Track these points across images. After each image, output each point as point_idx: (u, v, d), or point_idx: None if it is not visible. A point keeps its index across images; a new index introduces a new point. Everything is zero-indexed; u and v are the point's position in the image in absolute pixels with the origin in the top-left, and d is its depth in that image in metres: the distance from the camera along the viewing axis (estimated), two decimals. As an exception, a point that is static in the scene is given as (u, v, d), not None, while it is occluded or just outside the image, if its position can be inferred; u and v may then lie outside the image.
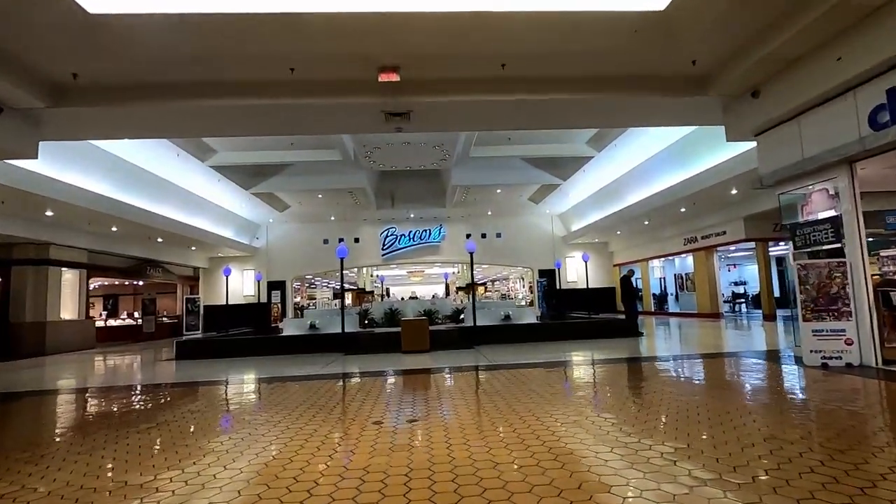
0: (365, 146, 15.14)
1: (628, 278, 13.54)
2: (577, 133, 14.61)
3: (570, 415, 4.49)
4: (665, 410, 4.54)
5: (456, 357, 9.48)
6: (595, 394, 5.62)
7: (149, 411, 5.68)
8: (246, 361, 10.22)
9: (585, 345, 10.58)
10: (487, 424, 4.27)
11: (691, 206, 16.05)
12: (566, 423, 4.18)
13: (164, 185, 15.88)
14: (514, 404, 5.00)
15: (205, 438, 4.26)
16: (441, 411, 4.88)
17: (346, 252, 11.65)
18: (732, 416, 4.24)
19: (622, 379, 6.68)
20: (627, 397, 5.34)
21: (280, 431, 4.31)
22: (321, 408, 5.24)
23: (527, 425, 4.16)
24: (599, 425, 4.09)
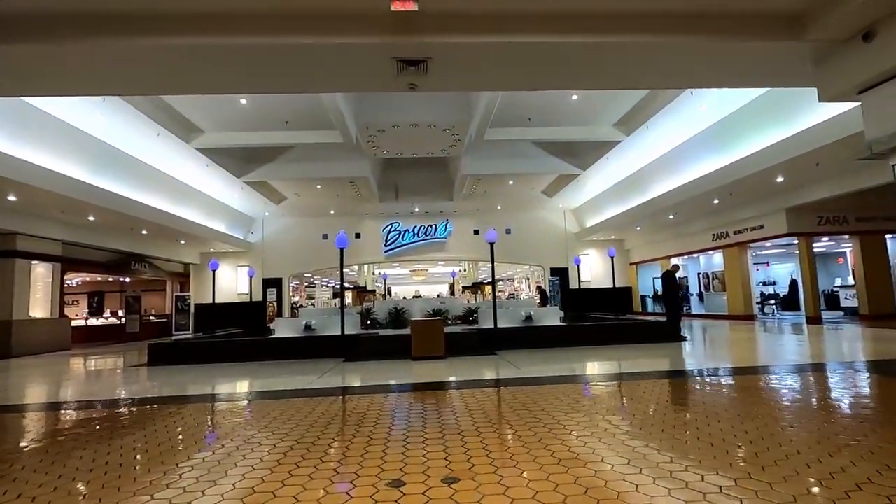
0: (368, 128, 13.44)
1: (672, 274, 11.80)
2: (606, 113, 12.93)
3: (680, 473, 2.78)
4: (835, 462, 2.84)
5: (477, 366, 7.77)
6: (696, 429, 3.91)
7: (49, 448, 3.97)
8: (226, 369, 8.51)
9: (624, 351, 8.87)
10: (567, 485, 2.57)
11: (727, 197, 14.37)
12: (676, 487, 2.47)
13: (146, 169, 14.17)
14: (586, 449, 3.29)
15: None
16: (489, 458, 3.17)
17: (346, 242, 9.95)
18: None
19: (716, 406, 4.91)
20: (755, 441, 3.63)
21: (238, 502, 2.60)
22: (309, 448, 3.53)
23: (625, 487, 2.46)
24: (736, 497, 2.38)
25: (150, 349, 9.71)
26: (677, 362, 7.73)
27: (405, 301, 14.46)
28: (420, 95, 13.00)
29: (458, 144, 14.83)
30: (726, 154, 12.74)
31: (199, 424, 4.59)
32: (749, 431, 3.62)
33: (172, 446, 3.79)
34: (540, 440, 3.54)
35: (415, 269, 31.03)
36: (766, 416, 4.05)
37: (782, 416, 4.09)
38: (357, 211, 21.55)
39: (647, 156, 15.36)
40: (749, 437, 3.49)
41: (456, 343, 9.15)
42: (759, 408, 4.39)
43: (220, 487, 2.83)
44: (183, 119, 12.25)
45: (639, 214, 17.41)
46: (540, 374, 6.68)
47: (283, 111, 12.42)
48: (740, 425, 3.78)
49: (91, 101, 10.40)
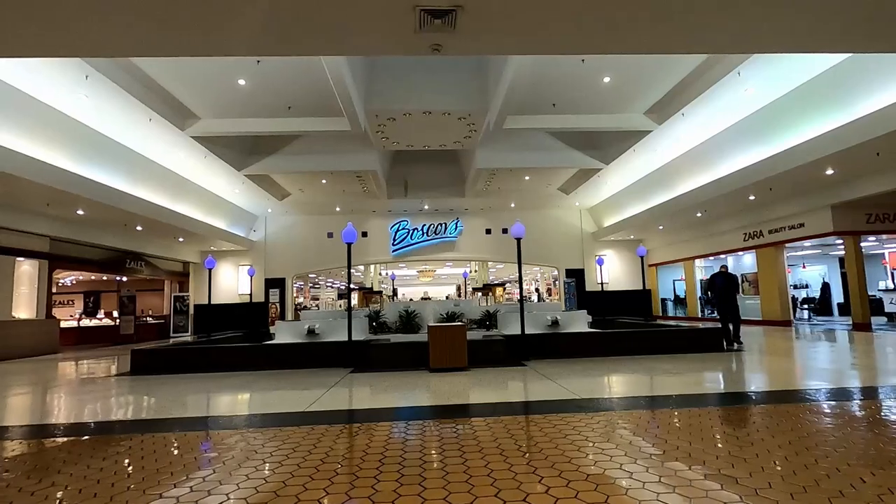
0: (378, 116, 12.26)
1: (726, 275, 10.48)
2: (637, 100, 11.67)
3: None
4: None
5: (509, 382, 6.53)
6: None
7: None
8: (215, 381, 7.29)
9: (679, 363, 7.60)
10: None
11: (765, 193, 13.08)
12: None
13: (139, 160, 13.03)
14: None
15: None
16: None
17: (354, 236, 8.74)
18: None
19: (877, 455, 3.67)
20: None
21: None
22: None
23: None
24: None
25: (132, 356, 8.51)
26: (760, 380, 6.46)
27: (416, 303, 13.23)
28: (434, 80, 11.82)
29: (473, 135, 13.64)
30: (769, 144, 11.49)
31: (175, 453, 3.37)
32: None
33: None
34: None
35: (422, 269, 29.82)
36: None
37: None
38: (364, 208, 20.36)
39: (675, 149, 14.10)
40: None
41: (478, 351, 7.90)
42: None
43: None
44: (176, 103, 11.08)
45: (663, 213, 16.15)
46: (592, 393, 5.43)
47: (285, 96, 11.23)
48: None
49: (74, 80, 9.24)
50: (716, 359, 8.06)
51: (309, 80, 10.54)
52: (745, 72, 9.69)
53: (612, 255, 21.17)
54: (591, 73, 10.32)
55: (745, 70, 9.63)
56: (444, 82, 11.86)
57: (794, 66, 9.68)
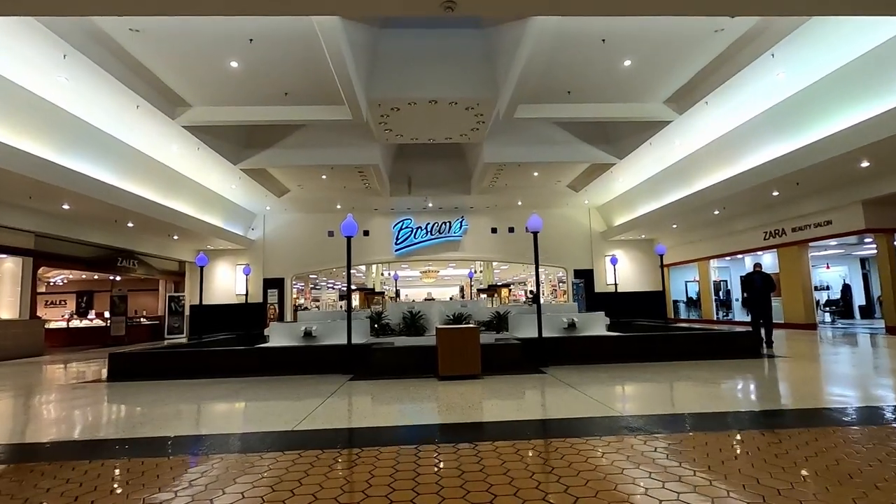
0: (380, 106, 11.45)
1: (764, 275, 9.67)
2: (658, 87, 10.81)
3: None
4: None
5: (531, 392, 5.67)
6: None
7: None
8: (198, 388, 6.45)
9: (714, 370, 6.74)
10: None
11: (791, 188, 12.23)
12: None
13: (128, 152, 12.22)
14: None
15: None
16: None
17: (354, 228, 7.90)
18: None
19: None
20: None
21: None
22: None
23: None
24: None
25: (110, 361, 7.67)
26: (830, 392, 5.60)
27: (421, 304, 12.40)
28: (441, 67, 11.01)
29: (480, 127, 12.83)
30: (799, 135, 10.65)
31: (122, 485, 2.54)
32: None
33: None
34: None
35: (425, 270, 28.97)
36: None
37: None
38: (366, 206, 19.53)
39: (694, 142, 13.26)
40: None
41: (491, 356, 7.05)
42: None
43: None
44: (165, 89, 10.25)
45: (678, 210, 15.30)
46: (633, 408, 4.58)
47: (281, 82, 10.40)
48: None
49: (51, 59, 8.43)
50: (757, 366, 7.20)
51: (307, 64, 9.72)
52: (780, 53, 8.85)
53: (622, 256, 20.29)
54: (611, 55, 9.48)
55: (779, 51, 8.78)
56: (451, 70, 11.06)
57: (831, 48, 8.84)
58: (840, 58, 9.10)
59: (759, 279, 10.48)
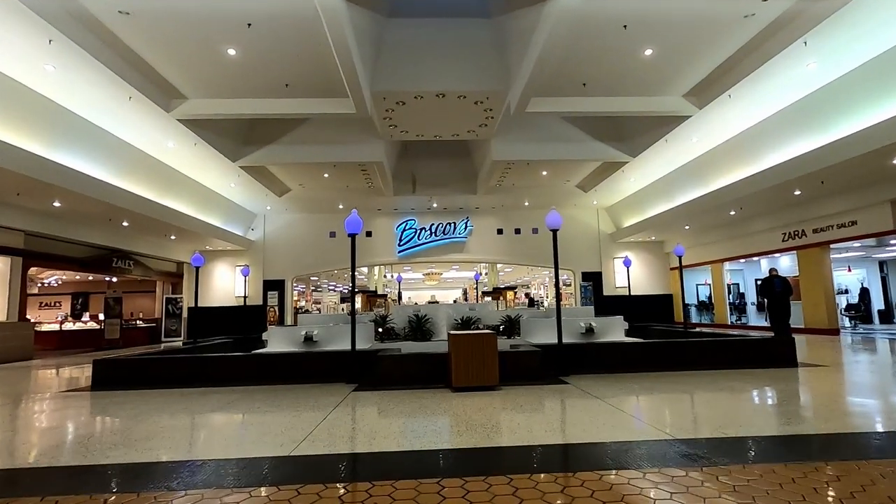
0: (385, 99, 10.86)
1: (783, 279, 9.13)
2: (678, 79, 10.20)
3: None
4: None
5: (559, 408, 5.03)
6: None
7: None
8: (182, 400, 5.81)
9: (756, 380, 6.11)
10: None
11: (815, 187, 11.61)
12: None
13: (121, 147, 11.63)
14: None
15: None
16: None
17: (359, 225, 7.28)
18: None
19: None
20: None
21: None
22: None
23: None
24: None
25: (94, 368, 7.04)
26: (885, 409, 4.96)
27: (427, 307, 11.76)
28: (449, 59, 10.42)
29: (489, 123, 12.24)
30: (827, 130, 10.05)
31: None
32: None
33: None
34: None
35: (429, 272, 28.35)
36: None
37: None
38: (369, 206, 18.92)
39: (711, 139, 12.64)
40: None
41: (508, 365, 6.40)
42: None
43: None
44: (159, 79, 9.64)
45: (692, 211, 14.68)
46: (684, 429, 3.94)
47: (282, 73, 9.79)
48: None
49: (35, 45, 7.84)
50: (799, 377, 6.55)
51: (309, 53, 9.12)
52: (813, 41, 8.24)
53: (631, 258, 19.63)
54: (632, 43, 8.86)
55: (812, 38, 8.18)
56: (460, 61, 10.47)
57: (867, 35, 8.22)
58: (875, 47, 8.50)
59: (778, 283, 10.57)
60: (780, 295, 10.70)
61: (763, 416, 4.34)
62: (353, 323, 6.98)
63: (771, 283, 10.96)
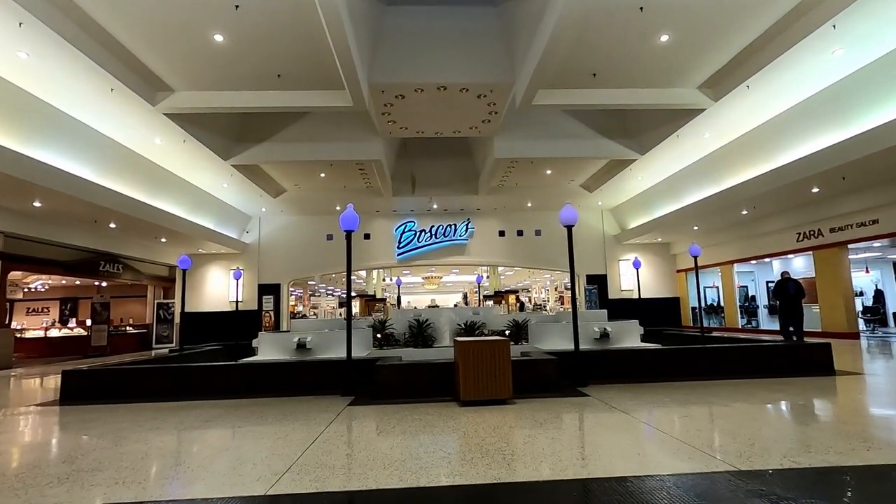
0: (384, 93, 10.24)
1: (796, 282, 8.55)
2: (693, 70, 9.58)
3: None
4: None
5: (586, 427, 4.36)
6: None
7: None
8: (155, 417, 5.11)
9: (800, 390, 5.46)
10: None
11: (835, 184, 10.98)
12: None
13: (105, 143, 10.95)
14: None
15: None
16: None
17: (356, 222, 6.62)
18: None
19: None
20: None
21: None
22: None
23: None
24: None
25: (63, 379, 6.34)
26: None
27: (428, 311, 11.08)
28: (452, 49, 9.81)
29: (493, 119, 11.63)
30: (852, 122, 9.44)
31: None
32: None
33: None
34: None
35: (428, 276, 27.66)
36: None
37: None
38: (367, 208, 18.25)
39: (724, 135, 12.03)
40: None
41: (521, 374, 5.72)
42: None
43: None
44: (142, 69, 8.98)
45: (702, 211, 14.06)
46: (742, 455, 3.27)
47: (274, 63, 9.15)
48: None
49: (7, 30, 7.19)
50: (845, 386, 5.89)
51: (302, 40, 8.48)
52: (842, 25, 7.64)
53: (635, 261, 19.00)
54: (648, 28, 8.24)
55: (842, 22, 7.57)
56: (463, 52, 9.87)
57: None
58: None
59: (792, 286, 10.70)
60: (794, 298, 10.69)
61: (832, 438, 3.68)
62: (349, 329, 6.29)
63: (785, 285, 10.94)
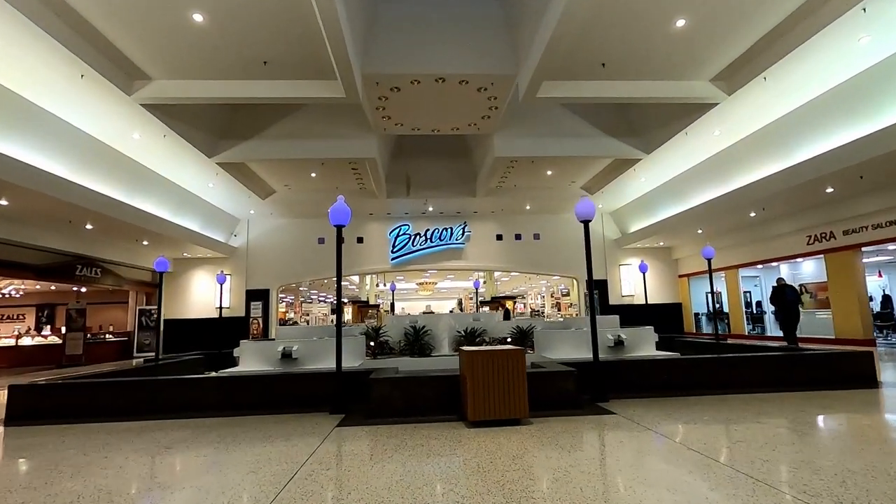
0: (379, 85, 9.54)
1: (792, 288, 8.06)
2: (707, 60, 8.96)
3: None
4: None
5: (617, 451, 3.57)
6: None
7: None
8: (113, 442, 4.29)
9: (851, 405, 4.76)
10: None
11: (852, 183, 10.39)
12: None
13: (77, 136, 10.10)
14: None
15: None
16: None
17: (347, 215, 5.87)
18: None
19: None
20: None
21: None
22: None
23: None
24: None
25: (9, 396, 5.48)
26: None
27: (425, 317, 10.31)
28: (450, 38, 9.15)
29: (493, 115, 10.99)
30: (872, 118, 8.87)
31: None
32: None
33: None
34: None
35: (422, 282, 26.86)
36: None
37: None
38: (360, 210, 17.48)
39: (735, 132, 11.44)
40: None
41: (534, 388, 4.96)
42: None
43: None
44: (116, 54, 8.18)
45: (707, 213, 13.44)
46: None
47: (260, 47, 8.40)
48: None
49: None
50: (870, 399, 5.21)
51: (290, 23, 7.75)
52: (872, 7, 7.06)
53: (637, 265, 18.39)
54: (663, 12, 7.61)
55: (872, 4, 6.99)
56: (463, 41, 9.22)
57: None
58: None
59: (790, 292, 11.11)
60: (791, 303, 10.99)
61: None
62: (339, 337, 5.51)
63: (782, 291, 11.19)
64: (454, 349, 9.09)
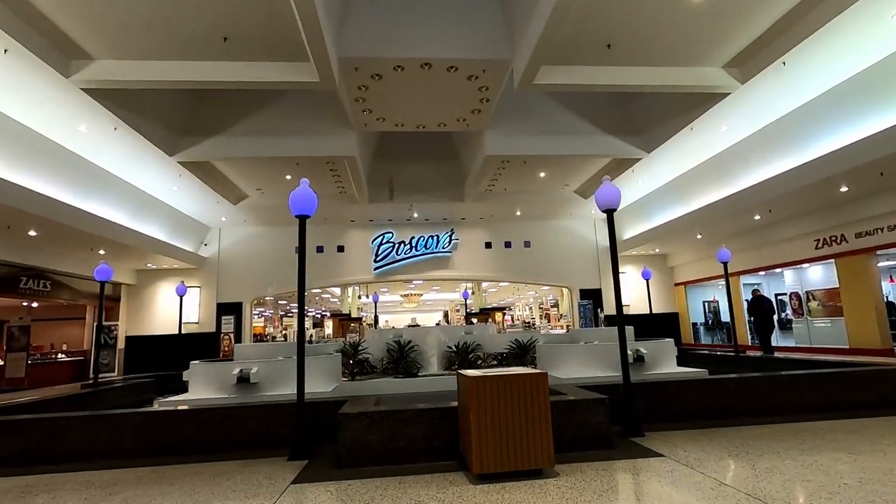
0: (357, 70, 8.41)
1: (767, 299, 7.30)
2: (721, 44, 8.05)
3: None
4: None
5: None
6: None
7: None
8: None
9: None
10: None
11: (871, 181, 9.53)
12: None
13: (11, 127, 8.72)
14: None
15: None
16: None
17: (313, 203, 4.70)
18: None
19: None
20: None
21: None
22: None
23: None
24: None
25: None
26: None
27: (410, 331, 9.07)
28: (438, 18, 8.09)
29: (484, 108, 9.95)
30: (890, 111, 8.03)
31: None
32: None
33: None
34: None
35: (407, 293, 25.56)
36: None
37: None
38: (341, 217, 16.23)
39: (743, 128, 10.58)
40: None
41: (557, 422, 3.80)
42: None
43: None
44: (49, 27, 6.92)
45: (709, 217, 12.53)
46: None
47: (219, 21, 7.21)
48: None
49: None
50: None
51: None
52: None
53: (632, 273, 17.46)
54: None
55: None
56: (453, 22, 8.17)
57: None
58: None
59: (766, 302, 11.64)
60: (767, 313, 11.38)
61: None
62: (302, 359, 4.25)
63: (759, 302, 11.60)
64: (444, 367, 7.86)
